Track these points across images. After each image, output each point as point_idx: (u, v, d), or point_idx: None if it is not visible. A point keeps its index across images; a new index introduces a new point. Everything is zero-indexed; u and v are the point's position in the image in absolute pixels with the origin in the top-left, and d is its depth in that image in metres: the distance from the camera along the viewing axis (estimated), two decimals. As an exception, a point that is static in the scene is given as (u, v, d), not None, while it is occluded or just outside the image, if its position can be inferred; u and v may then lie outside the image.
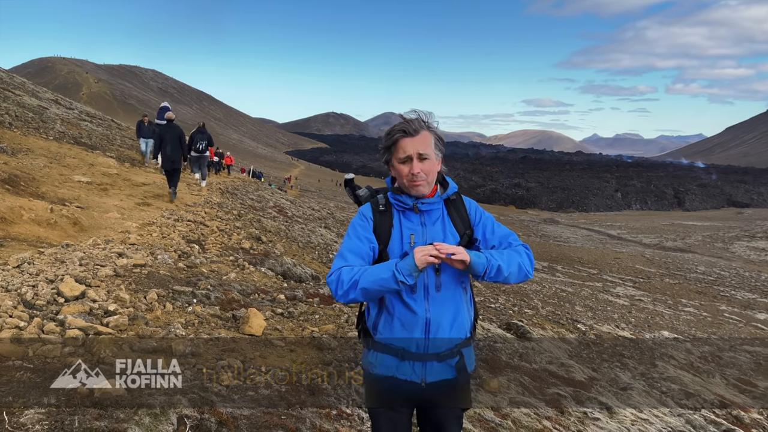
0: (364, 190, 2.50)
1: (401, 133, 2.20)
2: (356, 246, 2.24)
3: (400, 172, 2.24)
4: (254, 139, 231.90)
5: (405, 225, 2.27)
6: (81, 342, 3.90)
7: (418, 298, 2.20)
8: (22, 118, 16.98)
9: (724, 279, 29.71)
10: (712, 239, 49.61)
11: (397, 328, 2.22)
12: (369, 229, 2.28)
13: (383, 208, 2.30)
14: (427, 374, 2.24)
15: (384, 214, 2.30)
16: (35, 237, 7.06)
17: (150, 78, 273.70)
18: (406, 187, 2.27)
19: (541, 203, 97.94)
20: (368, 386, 2.36)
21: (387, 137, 2.27)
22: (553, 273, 25.58)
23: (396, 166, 2.25)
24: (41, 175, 10.78)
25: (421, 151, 2.19)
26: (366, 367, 2.33)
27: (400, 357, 2.22)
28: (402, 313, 2.21)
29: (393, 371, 2.24)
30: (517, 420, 4.38)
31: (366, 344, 2.33)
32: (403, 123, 2.21)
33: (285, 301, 6.49)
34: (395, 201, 2.31)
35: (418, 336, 2.21)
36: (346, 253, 2.22)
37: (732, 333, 16.43)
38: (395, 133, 2.22)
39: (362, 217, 2.30)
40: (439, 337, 2.24)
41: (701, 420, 5.61)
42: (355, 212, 2.42)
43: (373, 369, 2.27)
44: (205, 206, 12.65)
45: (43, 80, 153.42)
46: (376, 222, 2.29)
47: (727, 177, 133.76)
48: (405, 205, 2.29)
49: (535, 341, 7.43)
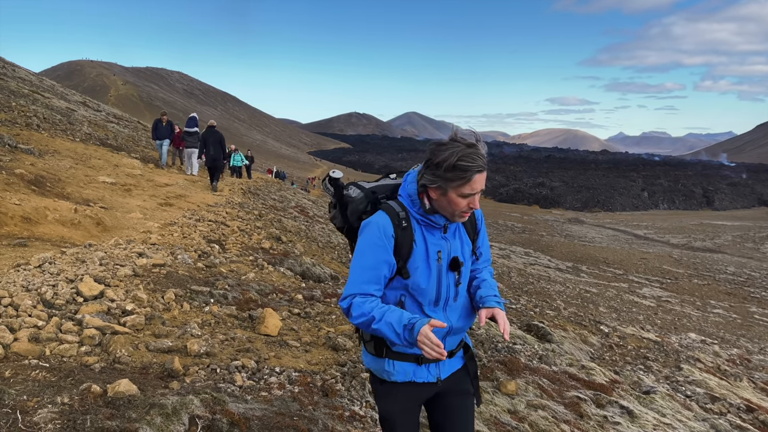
0: (356, 191, 2.29)
1: (479, 171, 1.99)
2: (372, 271, 2.07)
3: (455, 203, 2.04)
4: (278, 139, 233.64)
5: (429, 240, 2.15)
6: (98, 341, 3.94)
7: (439, 310, 2.19)
8: (50, 120, 17.33)
9: (754, 280, 29.02)
10: (742, 239, 48.50)
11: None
12: (390, 250, 2.08)
13: (405, 224, 2.10)
14: (442, 372, 2.28)
15: (405, 230, 2.10)
16: (59, 237, 7.19)
17: (176, 80, 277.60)
18: (451, 215, 2.10)
19: (565, 203, 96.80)
20: (384, 393, 2.28)
21: (454, 170, 1.98)
22: (578, 273, 25.27)
23: (453, 197, 2.03)
24: (67, 176, 10.98)
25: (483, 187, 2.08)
26: (380, 375, 2.25)
27: (417, 362, 2.20)
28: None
29: (410, 376, 2.22)
30: (534, 423, 4.31)
31: (378, 353, 2.22)
32: (479, 157, 1.99)
33: (302, 301, 6.49)
34: (423, 218, 2.13)
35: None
36: (360, 278, 2.07)
37: (762, 335, 16.05)
38: (471, 170, 1.98)
39: (383, 236, 2.07)
40: (454, 338, 2.28)
41: (726, 425, 5.46)
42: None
43: (391, 377, 2.21)
44: (227, 206, 12.75)
45: (72, 83, 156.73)
46: (398, 240, 2.09)
47: (758, 176, 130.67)
48: (436, 224, 2.15)
49: (556, 343, 7.31)
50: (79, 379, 3.25)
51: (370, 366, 2.29)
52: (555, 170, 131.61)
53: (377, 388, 2.31)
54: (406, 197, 2.16)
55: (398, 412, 2.28)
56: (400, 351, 2.17)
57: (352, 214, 2.28)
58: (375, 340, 2.21)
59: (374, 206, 2.22)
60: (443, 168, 1.98)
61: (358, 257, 2.10)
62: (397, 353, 2.18)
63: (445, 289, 2.17)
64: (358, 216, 2.25)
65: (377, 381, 2.29)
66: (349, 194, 2.29)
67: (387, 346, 2.17)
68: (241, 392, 3.61)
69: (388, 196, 2.25)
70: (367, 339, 2.25)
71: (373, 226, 2.09)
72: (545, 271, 23.56)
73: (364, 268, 2.07)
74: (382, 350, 2.19)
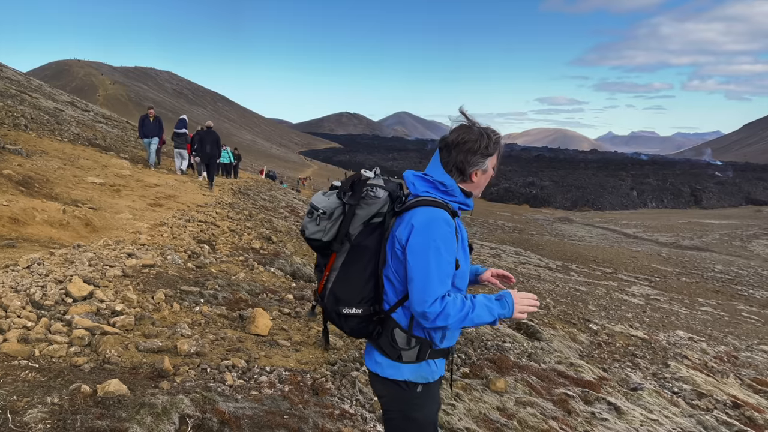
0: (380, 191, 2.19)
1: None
2: (450, 266, 2.08)
3: (488, 178, 2.26)
4: (268, 139, 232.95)
5: (461, 229, 2.22)
6: (87, 342, 3.94)
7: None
8: (38, 121, 17.20)
9: (742, 278, 29.30)
10: (729, 237, 48.93)
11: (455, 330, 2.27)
12: (456, 241, 2.12)
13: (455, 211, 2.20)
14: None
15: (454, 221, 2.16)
16: (47, 238, 7.15)
17: (165, 80, 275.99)
18: (480, 190, 2.29)
19: (555, 202, 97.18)
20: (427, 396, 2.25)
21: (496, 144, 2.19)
22: (568, 272, 25.40)
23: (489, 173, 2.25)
24: (55, 176, 10.92)
25: None
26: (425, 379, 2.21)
27: (447, 355, 2.29)
28: None
29: (442, 370, 2.30)
30: (523, 420, 4.35)
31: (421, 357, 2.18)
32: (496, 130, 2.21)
33: (293, 301, 6.50)
34: (461, 204, 2.24)
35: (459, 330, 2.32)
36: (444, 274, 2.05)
37: (749, 332, 16.21)
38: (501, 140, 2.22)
39: (452, 230, 2.10)
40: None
41: (713, 421, 5.53)
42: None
43: (434, 376, 2.24)
44: (217, 207, 12.73)
45: (60, 83, 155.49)
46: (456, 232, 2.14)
47: (745, 174, 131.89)
48: (469, 207, 2.28)
49: (545, 341, 7.37)
50: (68, 379, 3.25)
51: (407, 376, 2.20)
52: (545, 170, 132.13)
53: (412, 395, 2.22)
54: (436, 189, 2.19)
55: (435, 412, 2.34)
56: (441, 348, 2.23)
57: (362, 218, 2.15)
58: (420, 345, 2.17)
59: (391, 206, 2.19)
60: (487, 146, 2.17)
61: (435, 256, 2.04)
62: (437, 351, 2.22)
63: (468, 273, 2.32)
64: (367, 220, 2.15)
65: (412, 388, 2.22)
66: (376, 195, 2.16)
67: (431, 346, 2.19)
68: (232, 391, 3.63)
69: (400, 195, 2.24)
70: (411, 345, 2.17)
71: (440, 221, 2.07)
72: (535, 270, 23.67)
73: (445, 265, 2.05)
74: (426, 352, 2.18)
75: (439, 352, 2.22)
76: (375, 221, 2.15)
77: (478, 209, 73.45)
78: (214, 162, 17.48)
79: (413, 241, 2.06)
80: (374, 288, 2.19)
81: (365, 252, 2.17)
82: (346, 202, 2.14)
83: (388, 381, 2.22)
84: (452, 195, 2.18)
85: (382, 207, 2.15)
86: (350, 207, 2.13)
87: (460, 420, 4.02)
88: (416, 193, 2.19)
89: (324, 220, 2.16)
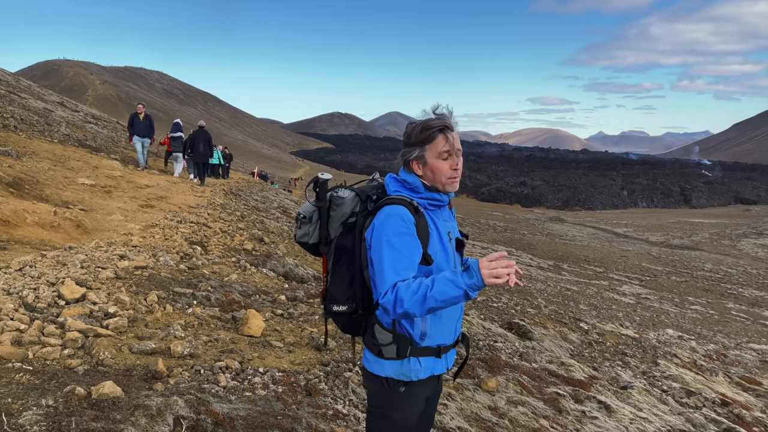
0: (345, 191, 2.23)
1: (445, 128, 2.11)
2: (408, 258, 2.03)
3: (439, 168, 2.13)
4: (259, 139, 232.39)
5: (438, 223, 2.19)
6: (80, 344, 3.95)
7: None
8: (28, 121, 17.10)
9: (731, 276, 29.56)
10: (719, 236, 49.31)
11: (443, 327, 2.20)
12: (415, 235, 2.08)
13: (419, 209, 2.13)
14: (449, 361, 2.32)
15: (421, 216, 2.12)
16: (39, 240, 7.13)
17: (155, 79, 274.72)
18: (442, 184, 2.17)
19: (546, 202, 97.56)
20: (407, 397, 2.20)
21: (424, 131, 2.11)
22: (559, 272, 25.52)
23: (433, 162, 2.13)
24: (45, 178, 10.87)
25: (459, 146, 2.16)
26: (406, 377, 2.17)
27: (438, 354, 2.21)
28: (447, 310, 2.15)
29: (431, 370, 2.22)
30: (515, 419, 4.40)
31: (401, 354, 2.15)
32: (443, 118, 2.13)
33: (285, 302, 6.52)
34: (430, 200, 2.19)
35: (452, 328, 2.26)
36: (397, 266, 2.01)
37: (739, 331, 16.36)
38: (436, 126, 2.10)
39: (407, 223, 2.06)
40: (461, 322, 2.34)
41: (701, 418, 5.61)
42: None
43: (418, 375, 2.17)
44: (209, 208, 12.71)
45: (49, 83, 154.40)
46: (417, 225, 2.10)
47: (734, 174, 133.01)
48: (441, 203, 2.21)
49: (536, 340, 7.43)
50: (62, 381, 3.26)
51: (389, 373, 2.18)
52: (536, 169, 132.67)
53: (393, 395, 2.20)
54: (404, 188, 2.20)
55: (416, 415, 2.26)
56: (426, 346, 2.16)
57: (337, 219, 2.21)
58: (398, 342, 2.14)
59: (363, 206, 2.21)
60: (413, 136, 2.14)
61: (387, 249, 2.03)
62: (422, 349, 2.16)
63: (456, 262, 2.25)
64: (343, 221, 2.21)
65: (394, 387, 2.19)
66: (339, 195, 2.21)
67: (412, 344, 2.14)
68: (226, 392, 3.65)
69: (378, 195, 2.24)
70: (387, 342, 2.15)
71: (393, 217, 2.07)
72: (527, 269, 23.77)
73: (399, 256, 2.02)
74: (407, 349, 2.14)
75: (424, 350, 2.17)
76: (350, 221, 2.21)
77: (470, 209, 73.63)
78: (206, 161, 18.32)
79: (370, 238, 2.11)
80: (360, 286, 2.23)
81: (345, 252, 2.23)
82: (315, 206, 2.22)
83: (373, 376, 2.24)
84: (417, 191, 2.18)
85: (354, 207, 2.20)
86: (320, 210, 2.21)
87: (452, 419, 4.06)
88: (389, 193, 2.22)
89: (305, 224, 2.26)
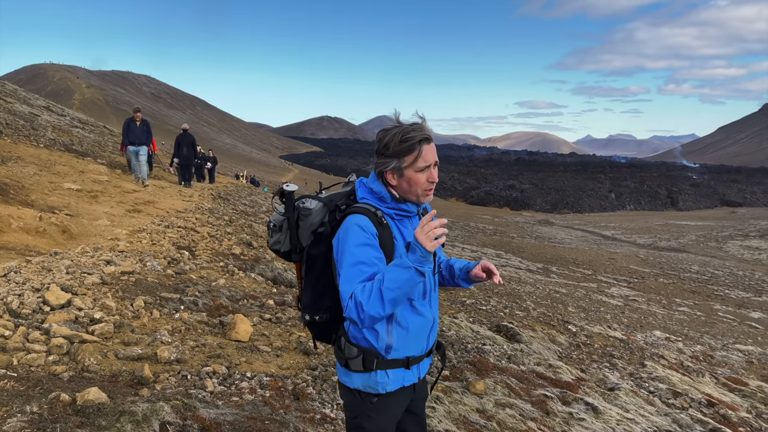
0: (312, 201, 2.17)
1: (425, 141, 2.05)
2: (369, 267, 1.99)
3: (416, 181, 2.08)
4: (248, 143, 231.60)
5: (406, 234, 2.15)
6: (66, 350, 3.92)
7: (426, 303, 2.18)
8: (13, 126, 16.93)
9: (718, 278, 29.81)
10: (705, 238, 49.73)
11: (411, 339, 2.16)
12: (378, 247, 2.04)
13: (383, 220, 2.08)
14: (422, 371, 2.30)
15: (385, 227, 2.08)
16: (24, 245, 7.06)
17: (143, 84, 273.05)
18: (416, 196, 2.12)
19: (535, 205, 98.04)
20: (378, 408, 2.19)
21: (401, 144, 2.04)
22: (548, 274, 25.63)
23: (410, 175, 2.07)
24: (31, 183, 10.77)
25: (436, 158, 2.10)
26: (373, 389, 2.15)
27: (407, 366, 2.18)
28: (415, 322, 2.14)
29: (401, 382, 2.19)
30: (502, 422, 4.41)
31: (368, 366, 2.12)
32: (421, 129, 2.06)
33: (274, 307, 6.50)
34: (396, 210, 2.14)
35: (424, 339, 2.22)
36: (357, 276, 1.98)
37: (725, 332, 16.50)
38: (416, 141, 2.03)
39: (368, 234, 2.02)
40: (434, 332, 2.29)
41: (687, 419, 5.65)
42: None
43: (386, 388, 2.15)
44: (197, 212, 12.65)
45: (35, 87, 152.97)
46: (380, 237, 2.06)
47: (720, 177, 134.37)
48: (409, 212, 2.17)
49: (525, 343, 7.46)
50: (47, 388, 3.24)
51: (356, 384, 2.18)
52: (525, 173, 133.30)
53: (364, 405, 2.18)
54: (372, 196, 2.16)
55: (389, 426, 2.25)
56: (393, 358, 2.13)
57: (306, 229, 2.17)
58: (363, 354, 2.11)
59: (332, 216, 2.18)
60: (391, 148, 2.06)
61: (348, 261, 2.00)
62: (389, 361, 2.13)
63: (428, 280, 2.18)
64: (313, 230, 2.18)
65: (366, 398, 2.17)
66: (306, 206, 2.16)
67: (378, 357, 2.11)
68: (213, 398, 3.64)
69: (346, 203, 2.20)
70: (353, 355, 2.13)
71: (354, 227, 2.03)
72: (516, 272, 23.85)
73: (357, 265, 1.98)
74: (373, 362, 2.11)
75: (392, 362, 2.13)
76: (320, 231, 2.19)
77: (459, 212, 73.79)
78: (191, 164, 18.91)
79: (336, 249, 2.10)
80: (332, 296, 2.20)
81: (316, 261, 2.21)
82: (283, 215, 2.21)
83: (345, 387, 2.24)
84: (384, 201, 2.14)
85: (323, 217, 2.17)
86: (289, 219, 2.19)
87: (440, 422, 4.07)
88: (358, 199, 2.19)
89: (276, 233, 2.25)
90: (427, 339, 2.24)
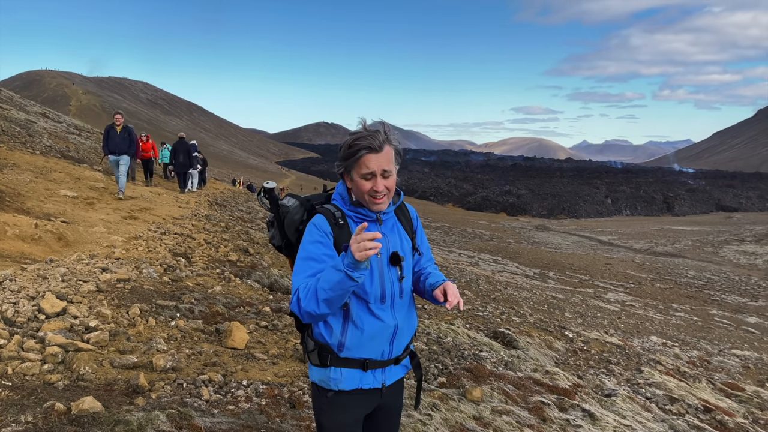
0: (291, 200, 2.30)
1: (367, 150, 2.07)
2: (316, 263, 2.07)
3: (361, 187, 2.12)
4: (245, 149, 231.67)
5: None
6: (61, 359, 3.90)
7: (386, 308, 2.18)
8: (9, 133, 16.92)
9: (714, 283, 29.92)
10: (701, 244, 49.92)
11: (366, 341, 2.17)
12: (330, 245, 2.12)
13: (342, 221, 2.16)
14: (387, 378, 2.28)
15: (342, 228, 2.16)
16: (19, 253, 7.04)
17: (140, 90, 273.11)
18: (365, 202, 2.16)
19: (532, 210, 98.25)
20: (331, 405, 2.23)
21: (348, 150, 2.10)
22: (545, 280, 25.66)
23: (356, 180, 2.12)
24: (27, 190, 10.75)
25: (386, 168, 2.10)
26: (327, 385, 2.20)
27: (363, 368, 2.20)
28: (372, 325, 2.15)
29: (357, 383, 2.20)
30: (499, 429, 4.41)
31: (323, 362, 2.18)
32: (368, 138, 2.08)
33: (270, 314, 6.49)
34: (355, 213, 2.19)
35: (385, 344, 2.22)
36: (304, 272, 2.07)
37: (722, 337, 16.54)
38: (360, 148, 2.07)
39: (321, 232, 2.12)
40: (401, 341, 2.28)
41: (684, 425, 5.65)
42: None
43: (338, 385, 2.18)
44: (193, 219, 12.63)
45: (32, 93, 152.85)
46: (336, 237, 2.14)
47: (716, 182, 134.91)
48: (367, 217, 2.19)
49: (522, 349, 7.46)
50: (42, 397, 3.22)
51: (314, 378, 2.25)
52: (521, 178, 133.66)
53: (322, 400, 2.25)
54: (338, 197, 2.25)
55: (344, 425, 2.25)
56: (347, 357, 2.16)
57: (289, 226, 2.28)
58: (319, 349, 2.17)
59: (310, 215, 2.25)
60: (341, 152, 2.15)
61: (300, 255, 2.12)
62: (343, 360, 2.16)
63: (389, 285, 2.18)
64: (296, 227, 2.27)
65: (323, 393, 2.23)
66: (284, 203, 2.29)
67: (332, 353, 2.16)
68: (208, 406, 3.62)
69: (323, 203, 2.29)
70: (311, 348, 2.21)
71: (310, 225, 2.15)
72: (513, 278, 23.88)
73: (307, 260, 2.08)
74: (327, 358, 2.16)
75: (346, 361, 2.17)
76: (301, 228, 2.26)
77: (456, 218, 73.87)
78: (187, 171, 19.37)
79: None
80: None
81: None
82: (269, 212, 2.36)
83: (310, 381, 2.33)
84: (346, 203, 2.22)
85: (302, 215, 2.27)
86: (275, 216, 2.33)
87: (436, 430, 4.06)
88: (331, 201, 2.28)
89: (271, 228, 2.40)
90: (390, 345, 2.23)
